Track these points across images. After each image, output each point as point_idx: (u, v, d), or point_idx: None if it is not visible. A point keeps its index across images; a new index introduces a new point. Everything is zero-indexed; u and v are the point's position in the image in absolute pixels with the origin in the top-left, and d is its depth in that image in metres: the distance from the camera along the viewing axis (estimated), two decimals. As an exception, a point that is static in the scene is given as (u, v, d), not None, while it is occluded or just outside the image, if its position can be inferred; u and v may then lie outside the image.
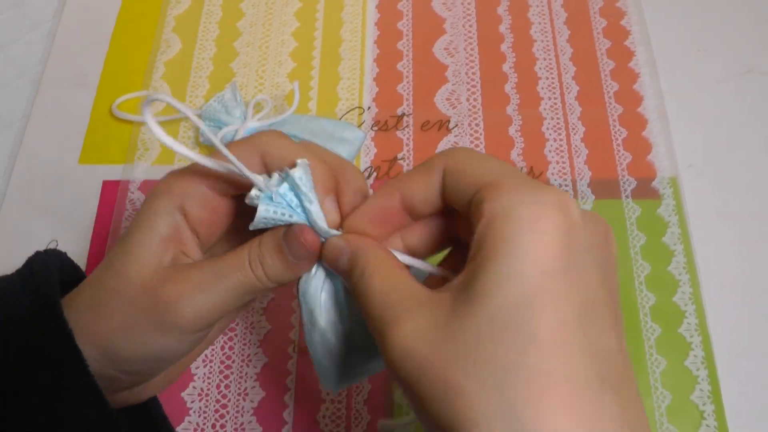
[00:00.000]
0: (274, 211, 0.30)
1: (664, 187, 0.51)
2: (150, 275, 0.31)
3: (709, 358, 0.45)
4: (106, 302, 0.31)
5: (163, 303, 0.30)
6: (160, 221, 0.31)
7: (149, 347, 0.31)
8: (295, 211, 0.30)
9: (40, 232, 0.50)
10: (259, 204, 0.29)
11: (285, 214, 0.30)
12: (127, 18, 0.59)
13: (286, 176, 0.30)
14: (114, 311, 0.31)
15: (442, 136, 0.53)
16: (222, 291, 0.31)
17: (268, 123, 0.49)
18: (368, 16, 0.59)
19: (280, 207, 0.30)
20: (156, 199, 0.32)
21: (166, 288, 0.30)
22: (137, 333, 0.31)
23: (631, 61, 0.56)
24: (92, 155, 0.53)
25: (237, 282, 0.31)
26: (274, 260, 0.31)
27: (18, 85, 0.56)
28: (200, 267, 0.31)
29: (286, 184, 0.30)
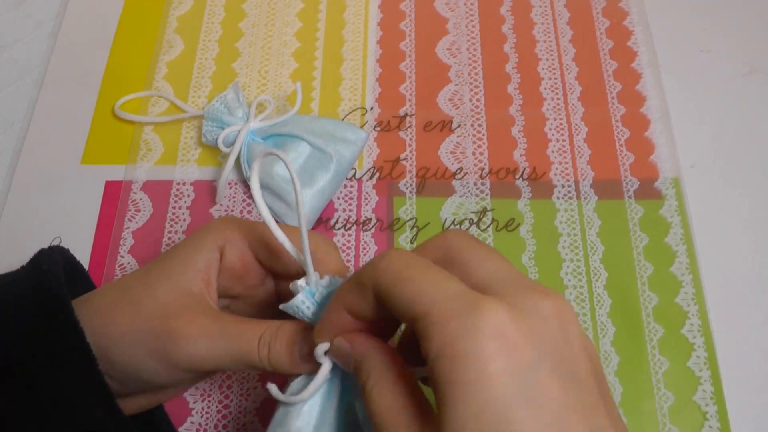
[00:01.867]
0: (308, 307, 0.31)
1: (666, 187, 0.51)
2: (171, 302, 0.32)
3: (711, 359, 0.45)
4: (124, 309, 0.32)
5: (166, 332, 0.31)
6: (201, 256, 0.33)
7: (140, 366, 0.32)
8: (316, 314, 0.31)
9: (43, 233, 0.50)
10: (300, 294, 0.31)
11: (316, 314, 0.31)
12: (130, 18, 0.59)
13: (335, 283, 0.31)
14: (127, 321, 0.32)
15: (444, 136, 0.53)
16: (223, 350, 0.32)
17: (270, 123, 0.49)
18: (371, 17, 0.59)
19: (315, 307, 0.31)
20: (205, 234, 0.34)
21: (180, 321, 0.31)
22: (134, 348, 0.31)
23: (633, 62, 0.56)
24: (95, 156, 0.53)
25: (240, 350, 0.32)
26: (283, 351, 0.32)
27: (20, 85, 0.56)
28: (217, 318, 0.32)
29: (330, 289, 0.31)
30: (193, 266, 0.33)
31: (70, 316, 0.31)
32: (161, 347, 0.31)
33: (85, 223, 0.50)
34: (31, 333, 0.31)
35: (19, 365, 0.31)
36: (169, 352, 0.31)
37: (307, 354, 0.31)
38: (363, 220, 0.49)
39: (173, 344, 0.31)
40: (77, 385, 0.31)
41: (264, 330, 0.32)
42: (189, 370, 0.32)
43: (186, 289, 0.32)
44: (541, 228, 0.49)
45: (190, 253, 0.33)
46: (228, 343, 0.32)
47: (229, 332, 0.32)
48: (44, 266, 0.33)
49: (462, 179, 0.51)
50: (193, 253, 0.33)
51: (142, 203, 0.50)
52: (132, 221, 0.50)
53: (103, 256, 0.48)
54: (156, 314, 0.32)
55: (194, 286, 0.33)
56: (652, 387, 0.44)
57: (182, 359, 0.31)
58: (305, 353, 0.31)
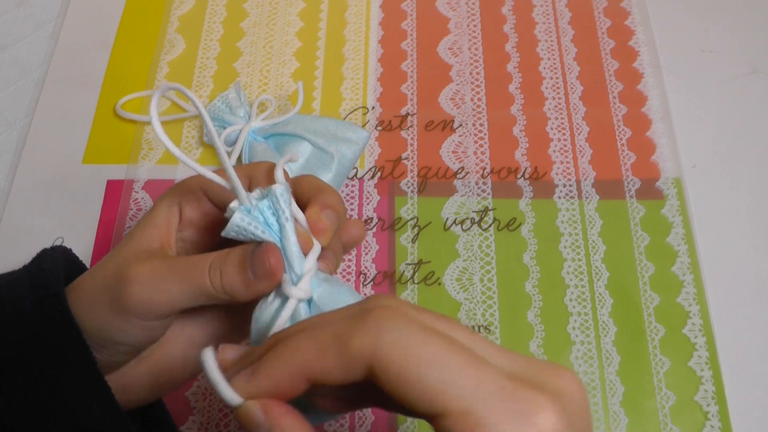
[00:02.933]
0: (247, 224, 0.30)
1: (668, 187, 0.51)
2: (131, 256, 0.32)
3: (713, 359, 0.45)
4: (87, 276, 0.32)
5: (121, 279, 0.31)
6: (159, 213, 0.33)
7: (103, 324, 0.31)
8: (270, 229, 0.30)
9: (45, 232, 0.50)
10: (235, 212, 0.30)
11: (258, 228, 0.30)
12: (131, 18, 0.59)
13: (267, 193, 0.30)
14: (88, 283, 0.32)
15: (446, 136, 0.53)
16: (175, 284, 0.31)
17: (272, 123, 0.49)
18: (372, 16, 0.59)
19: (254, 221, 0.30)
20: (162, 195, 0.34)
21: (131, 267, 0.31)
22: (96, 305, 0.31)
23: (635, 61, 0.56)
24: (96, 155, 0.53)
25: (192, 281, 0.31)
26: (234, 273, 0.30)
27: (22, 85, 0.56)
28: (167, 258, 0.32)
29: (266, 201, 0.30)
30: (151, 224, 0.33)
31: (67, 313, 0.31)
32: (114, 296, 0.30)
33: (86, 222, 0.50)
34: (29, 331, 0.31)
35: (18, 364, 0.31)
36: (121, 299, 0.30)
37: (260, 269, 0.30)
38: (364, 219, 0.50)
39: (123, 289, 0.30)
40: (75, 383, 0.31)
41: (213, 257, 0.31)
42: (146, 315, 0.31)
43: (144, 246, 0.32)
44: (543, 228, 0.49)
45: (150, 213, 0.33)
46: (177, 276, 0.30)
47: (178, 267, 0.31)
48: (44, 265, 0.33)
49: (463, 179, 0.51)
50: (152, 213, 0.33)
51: (144, 202, 0.50)
52: (133, 220, 0.50)
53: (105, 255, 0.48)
54: (112, 270, 0.31)
55: (153, 242, 0.32)
56: (654, 387, 0.44)
57: (136, 304, 0.30)
58: (258, 268, 0.30)
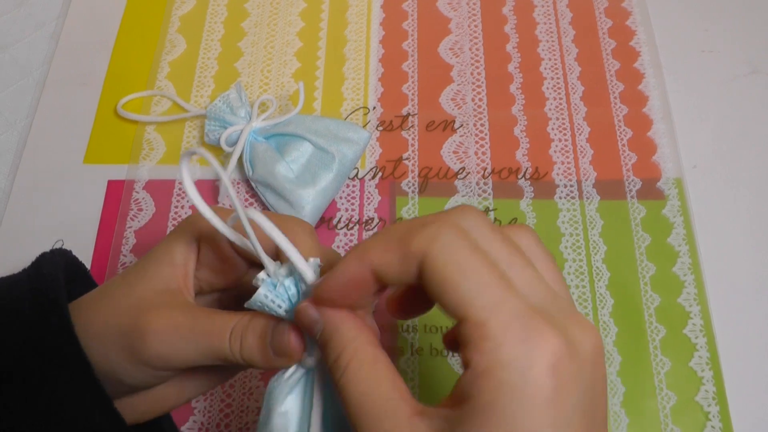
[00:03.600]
0: (272, 300, 0.29)
1: (669, 187, 0.51)
2: (148, 295, 0.31)
3: (714, 359, 0.45)
4: (99, 307, 0.31)
5: (135, 329, 0.30)
6: (177, 250, 0.32)
7: (113, 365, 0.31)
8: (292, 308, 0.29)
9: (45, 232, 0.50)
10: (261, 287, 0.29)
11: (282, 306, 0.29)
12: (132, 18, 0.59)
13: (292, 270, 0.29)
14: (100, 317, 0.31)
15: (447, 136, 0.53)
16: (193, 344, 0.30)
17: (273, 123, 0.49)
18: (373, 16, 0.59)
19: (279, 298, 0.29)
20: (180, 229, 0.33)
21: (149, 315, 0.30)
22: (106, 347, 0.31)
23: (636, 62, 0.56)
24: (97, 155, 0.53)
25: (210, 345, 0.30)
26: (254, 345, 0.30)
27: (22, 85, 0.56)
28: (188, 312, 0.31)
29: (292, 278, 0.29)
30: (169, 261, 0.32)
31: (65, 319, 0.30)
32: (130, 344, 0.30)
33: (87, 222, 0.50)
34: (27, 337, 0.31)
35: (16, 369, 0.30)
36: (137, 349, 0.30)
37: (280, 348, 0.30)
38: (365, 219, 0.50)
39: (141, 341, 0.30)
40: (74, 388, 0.30)
41: (236, 323, 0.30)
42: (160, 367, 0.31)
43: (161, 285, 0.31)
44: (544, 228, 0.49)
45: (168, 248, 0.32)
46: (198, 338, 0.30)
47: (200, 326, 0.30)
48: (44, 270, 0.32)
49: (464, 179, 0.51)
50: (170, 249, 0.32)
51: (145, 202, 0.50)
52: (134, 220, 0.50)
53: (106, 256, 0.48)
54: (128, 311, 0.31)
55: (171, 281, 0.32)
56: (655, 387, 0.44)
57: (151, 356, 0.30)
58: (278, 347, 0.30)
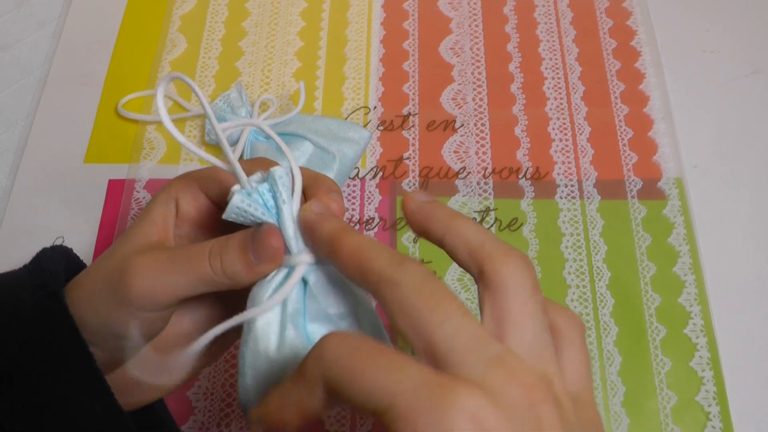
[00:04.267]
0: (247, 206, 0.30)
1: (669, 187, 0.51)
2: (130, 251, 0.32)
3: (714, 359, 0.45)
4: (86, 275, 0.32)
5: (121, 273, 0.31)
6: (156, 209, 0.33)
7: (105, 319, 0.31)
8: (269, 212, 0.30)
9: (46, 231, 0.50)
10: (235, 195, 0.30)
11: (258, 209, 0.30)
12: (133, 17, 0.59)
13: (267, 176, 0.30)
14: (88, 281, 0.32)
15: (447, 135, 0.53)
16: (176, 273, 0.31)
17: (273, 122, 0.49)
18: (374, 16, 0.59)
19: (254, 203, 0.30)
20: (158, 193, 0.34)
21: (130, 261, 0.31)
22: (97, 302, 0.31)
23: (637, 62, 0.56)
24: (98, 154, 0.53)
25: (193, 269, 0.31)
26: (235, 257, 0.30)
27: (23, 85, 0.56)
28: (167, 249, 0.32)
29: (266, 184, 0.30)
30: (148, 221, 0.33)
31: (65, 312, 0.31)
32: (117, 291, 0.31)
33: (88, 221, 0.50)
34: (28, 332, 0.31)
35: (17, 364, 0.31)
36: (124, 291, 0.30)
37: (262, 251, 0.30)
38: (366, 219, 0.50)
39: (126, 283, 0.30)
40: (75, 383, 0.31)
41: (212, 244, 0.31)
42: (148, 306, 0.31)
43: (142, 241, 0.32)
44: (544, 228, 0.49)
45: (146, 211, 0.33)
46: (178, 266, 0.31)
47: (179, 256, 0.31)
48: (44, 265, 0.33)
49: (465, 179, 0.51)
50: (148, 210, 0.33)
51: (145, 201, 0.50)
52: (135, 219, 0.50)
53: (106, 255, 0.49)
54: (112, 267, 0.31)
55: (151, 237, 0.32)
56: (655, 387, 0.44)
57: (138, 294, 0.30)
58: (260, 251, 0.30)
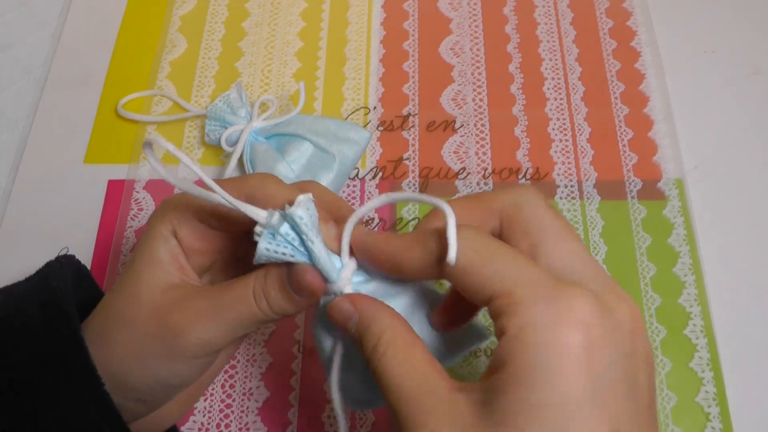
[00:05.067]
0: (275, 250, 0.29)
1: (669, 188, 0.50)
2: (159, 299, 0.31)
3: (714, 360, 0.45)
4: (116, 328, 0.31)
5: (170, 330, 0.30)
6: (161, 247, 0.32)
7: (158, 373, 0.31)
8: (297, 250, 0.30)
9: (45, 232, 0.50)
10: (260, 241, 0.29)
11: (286, 254, 0.30)
12: (133, 17, 0.59)
13: (285, 216, 0.29)
14: (125, 338, 0.31)
15: (447, 136, 0.53)
16: (227, 321, 0.31)
17: (273, 123, 0.49)
18: (374, 16, 0.59)
19: (281, 245, 0.29)
20: (154, 225, 0.33)
21: (174, 315, 0.31)
22: (146, 359, 0.31)
23: (637, 62, 0.56)
24: (97, 155, 0.53)
25: (242, 314, 0.31)
26: (279, 296, 0.31)
27: (23, 85, 0.56)
28: (206, 295, 0.31)
29: (286, 223, 0.29)
30: (158, 262, 0.32)
31: (76, 333, 0.30)
32: (168, 348, 0.31)
33: (87, 221, 0.50)
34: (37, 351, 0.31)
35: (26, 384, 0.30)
36: (177, 348, 0.30)
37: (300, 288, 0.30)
38: (366, 219, 0.49)
39: (177, 340, 0.30)
40: (83, 403, 0.30)
41: (252, 284, 0.31)
42: (205, 354, 0.31)
43: (165, 285, 0.32)
44: (544, 228, 0.49)
45: (151, 247, 0.32)
46: (227, 313, 0.31)
47: (223, 304, 0.31)
48: (53, 282, 0.32)
49: (465, 179, 0.51)
50: (150, 249, 0.32)
51: (145, 202, 0.50)
52: (134, 220, 0.50)
53: (106, 255, 0.48)
54: (148, 321, 0.31)
55: (171, 277, 0.32)
56: (655, 388, 0.44)
57: (194, 349, 0.31)
58: (298, 288, 0.30)
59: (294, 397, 0.44)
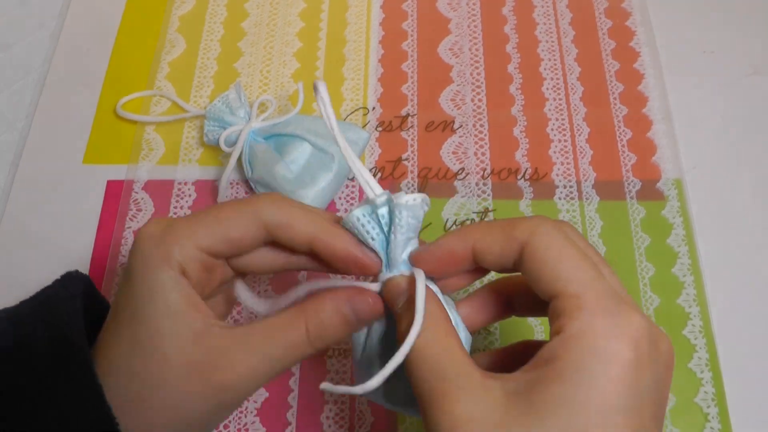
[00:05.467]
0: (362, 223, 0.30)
1: (668, 188, 0.50)
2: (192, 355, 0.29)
3: (713, 360, 0.45)
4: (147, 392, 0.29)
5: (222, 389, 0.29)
6: (173, 294, 0.29)
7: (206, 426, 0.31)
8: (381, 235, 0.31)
9: (44, 232, 0.50)
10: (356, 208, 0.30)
11: (372, 231, 0.31)
12: (132, 18, 0.59)
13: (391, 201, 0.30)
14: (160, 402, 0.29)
15: (446, 136, 0.53)
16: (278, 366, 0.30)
17: (272, 123, 0.49)
18: (373, 17, 0.59)
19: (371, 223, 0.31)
20: (158, 268, 0.30)
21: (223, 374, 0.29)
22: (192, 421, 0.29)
23: (636, 62, 0.56)
24: (96, 155, 0.53)
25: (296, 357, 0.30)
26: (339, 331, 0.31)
27: (22, 85, 0.56)
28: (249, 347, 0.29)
29: (388, 207, 0.30)
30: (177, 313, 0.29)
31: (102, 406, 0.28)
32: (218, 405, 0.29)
33: (86, 222, 0.50)
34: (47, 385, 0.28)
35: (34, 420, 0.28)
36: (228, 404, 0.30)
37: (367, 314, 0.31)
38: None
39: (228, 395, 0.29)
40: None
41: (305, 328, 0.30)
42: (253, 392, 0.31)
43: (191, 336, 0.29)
44: (543, 229, 0.49)
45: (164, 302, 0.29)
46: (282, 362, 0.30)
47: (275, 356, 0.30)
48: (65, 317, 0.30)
49: (464, 180, 0.51)
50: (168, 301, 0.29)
51: (144, 203, 0.50)
52: (133, 221, 0.50)
53: (105, 256, 0.48)
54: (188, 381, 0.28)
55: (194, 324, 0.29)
56: (654, 388, 0.44)
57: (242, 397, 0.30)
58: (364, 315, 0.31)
59: (293, 398, 0.44)
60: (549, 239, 0.29)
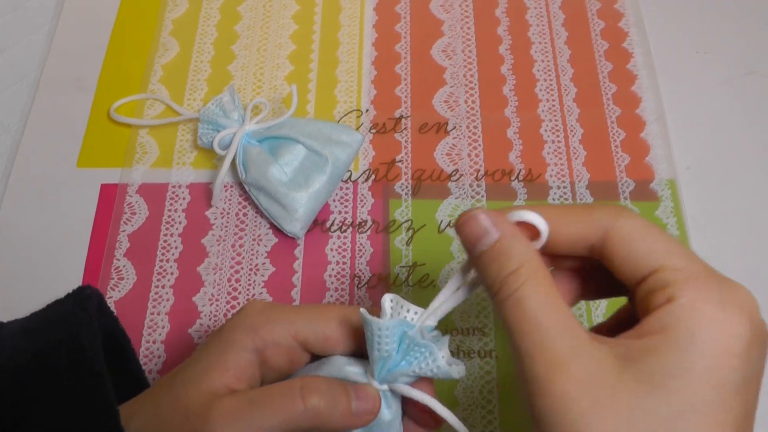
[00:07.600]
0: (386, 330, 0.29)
1: (662, 189, 0.51)
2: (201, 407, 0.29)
3: (707, 360, 0.45)
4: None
5: None
6: (233, 358, 0.30)
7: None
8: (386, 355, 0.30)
9: (38, 236, 0.50)
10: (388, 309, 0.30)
11: (381, 349, 0.30)
12: (125, 21, 0.59)
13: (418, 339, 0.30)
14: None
15: (440, 138, 0.53)
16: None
17: (266, 126, 0.49)
18: (366, 19, 0.59)
19: (391, 336, 0.30)
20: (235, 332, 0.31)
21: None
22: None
23: (629, 63, 0.56)
24: (90, 159, 0.53)
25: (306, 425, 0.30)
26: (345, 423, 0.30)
27: (16, 89, 0.56)
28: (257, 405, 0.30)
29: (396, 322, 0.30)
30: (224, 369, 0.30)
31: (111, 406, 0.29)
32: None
33: (80, 226, 0.50)
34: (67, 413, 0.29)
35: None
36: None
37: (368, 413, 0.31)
38: (359, 222, 0.49)
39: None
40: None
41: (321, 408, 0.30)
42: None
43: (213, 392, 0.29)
44: (537, 230, 0.49)
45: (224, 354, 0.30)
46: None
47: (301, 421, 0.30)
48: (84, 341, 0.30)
49: (458, 181, 0.51)
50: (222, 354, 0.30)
51: (138, 206, 0.50)
52: (128, 224, 0.50)
53: (99, 259, 0.48)
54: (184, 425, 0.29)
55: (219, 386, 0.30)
56: (648, 388, 0.44)
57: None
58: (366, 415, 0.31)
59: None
60: (636, 221, 0.27)
